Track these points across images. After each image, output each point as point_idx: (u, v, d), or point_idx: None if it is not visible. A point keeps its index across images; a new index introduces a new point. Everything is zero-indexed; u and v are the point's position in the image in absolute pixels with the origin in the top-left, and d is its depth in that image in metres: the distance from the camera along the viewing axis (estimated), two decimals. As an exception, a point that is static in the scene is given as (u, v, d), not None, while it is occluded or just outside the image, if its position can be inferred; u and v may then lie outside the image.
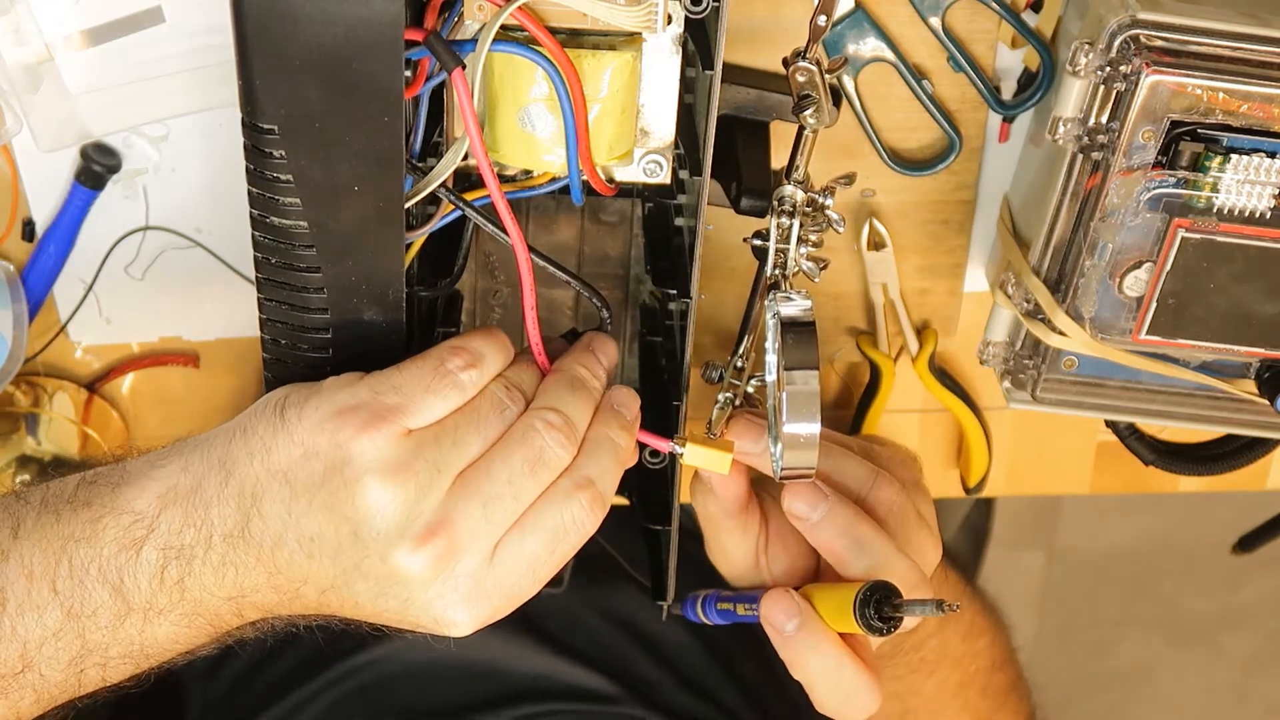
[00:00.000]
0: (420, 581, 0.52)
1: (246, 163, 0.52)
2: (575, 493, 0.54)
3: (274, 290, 0.55)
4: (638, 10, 0.54)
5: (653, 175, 0.61)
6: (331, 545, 0.52)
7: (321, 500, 0.51)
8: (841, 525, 0.62)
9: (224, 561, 0.52)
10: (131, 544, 0.52)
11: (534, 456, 0.53)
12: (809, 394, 0.55)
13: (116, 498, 0.53)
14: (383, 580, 0.52)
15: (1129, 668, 1.92)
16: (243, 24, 0.48)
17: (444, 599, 0.53)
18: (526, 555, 0.54)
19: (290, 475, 0.52)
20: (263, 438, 0.52)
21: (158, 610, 0.53)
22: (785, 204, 0.59)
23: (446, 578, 0.53)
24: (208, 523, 0.52)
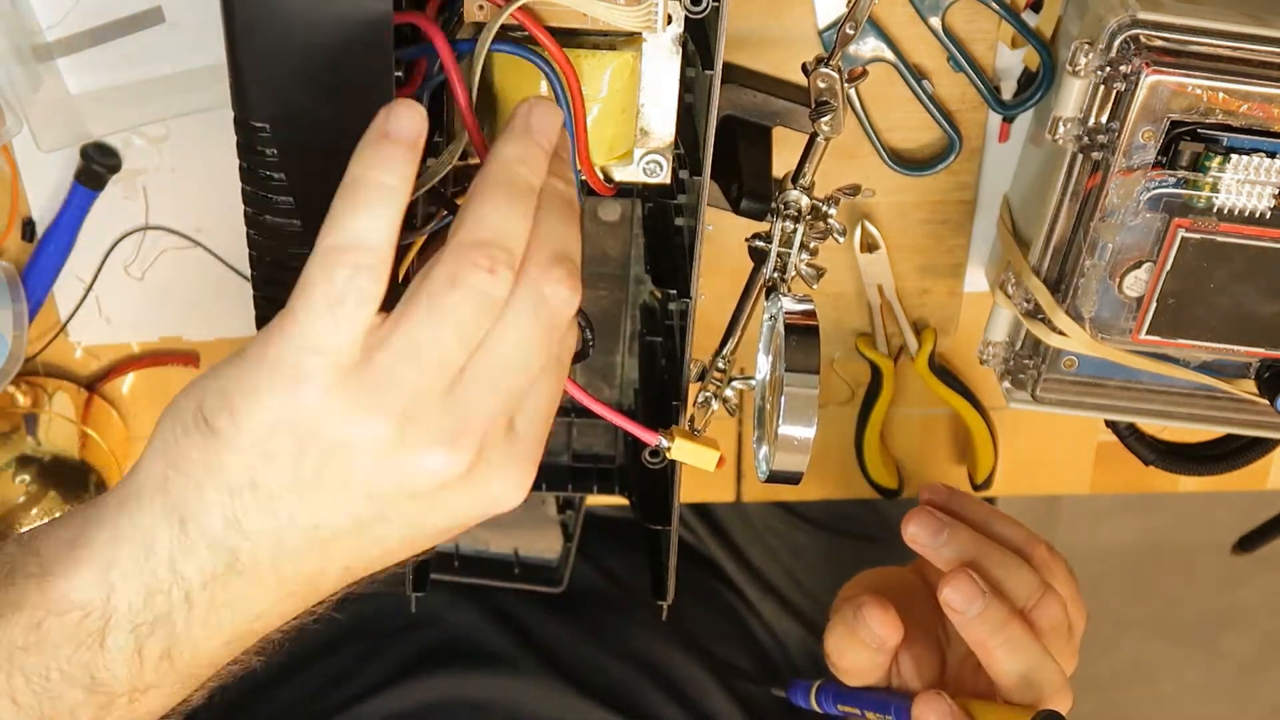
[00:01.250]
0: (457, 492, 0.47)
1: (240, 161, 0.52)
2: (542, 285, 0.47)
3: (270, 289, 0.55)
4: (638, 10, 0.54)
5: (653, 175, 0.61)
6: (343, 518, 0.46)
7: (308, 484, 0.45)
8: (996, 624, 0.62)
9: (213, 608, 0.47)
10: (89, 638, 0.46)
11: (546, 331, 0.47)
12: (807, 398, 0.55)
13: (47, 593, 0.46)
14: (414, 517, 0.47)
15: (1129, 668, 1.92)
16: (232, 22, 0.48)
17: (487, 490, 0.48)
18: (543, 404, 0.49)
19: (259, 482, 0.45)
20: (202, 461, 0.45)
21: (144, 688, 0.47)
22: (790, 208, 0.59)
23: (482, 471, 0.47)
24: (178, 581, 0.46)
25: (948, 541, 0.65)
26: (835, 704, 0.70)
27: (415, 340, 0.45)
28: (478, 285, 0.45)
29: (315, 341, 0.45)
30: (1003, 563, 0.65)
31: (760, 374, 0.60)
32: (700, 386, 0.63)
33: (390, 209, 0.45)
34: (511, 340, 0.47)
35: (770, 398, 0.58)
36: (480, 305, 0.45)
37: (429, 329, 0.45)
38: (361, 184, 0.45)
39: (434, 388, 0.46)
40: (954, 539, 0.65)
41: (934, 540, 0.65)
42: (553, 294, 0.47)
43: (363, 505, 0.47)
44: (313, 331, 0.45)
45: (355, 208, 0.45)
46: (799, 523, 0.98)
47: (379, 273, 0.45)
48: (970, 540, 0.65)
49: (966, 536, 0.65)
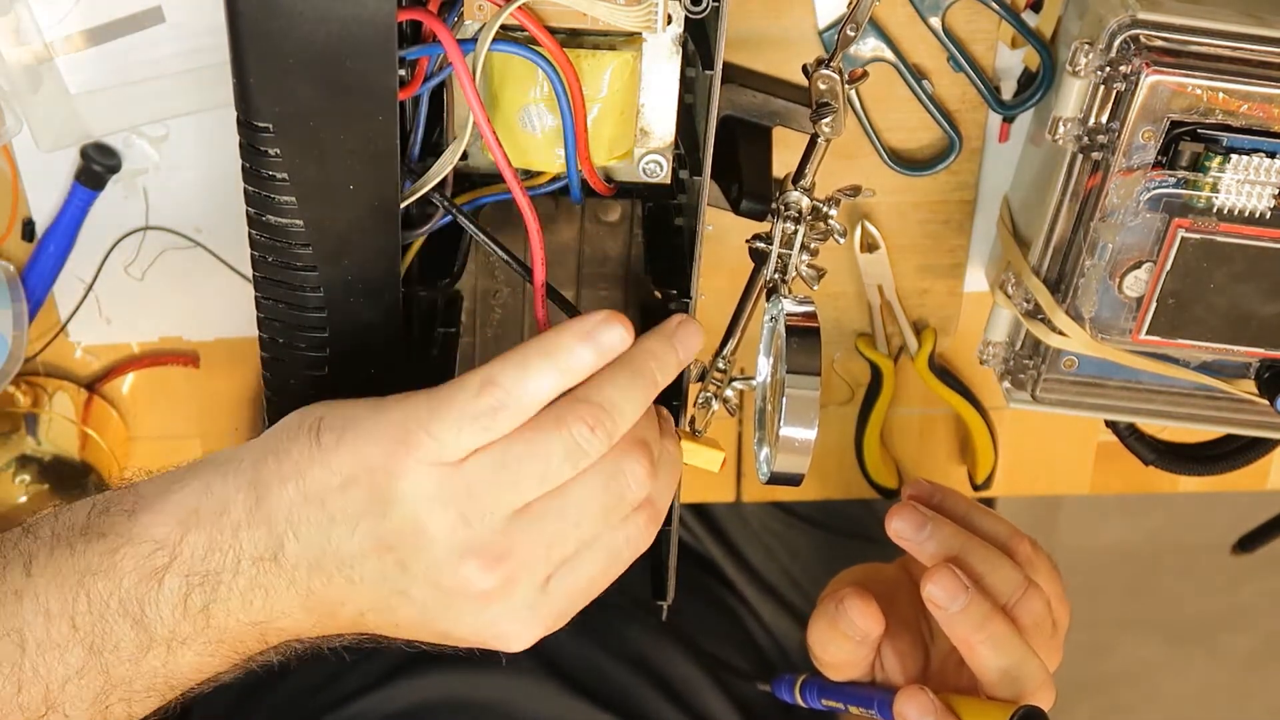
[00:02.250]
0: (474, 607, 0.51)
1: (242, 161, 0.52)
2: (635, 516, 0.53)
3: (271, 289, 0.55)
4: (638, 10, 0.54)
5: (653, 175, 0.61)
6: (375, 572, 0.51)
7: (364, 530, 0.50)
8: (979, 619, 0.62)
9: (253, 586, 0.51)
10: (152, 573, 0.51)
11: (613, 504, 0.52)
12: (809, 400, 0.55)
13: (133, 526, 0.51)
14: (432, 605, 0.51)
15: (1129, 668, 1.92)
16: (237, 22, 0.48)
17: (499, 622, 0.52)
18: (584, 577, 0.53)
19: (328, 502, 0.50)
20: (297, 462, 0.50)
21: (181, 640, 0.51)
22: (790, 209, 0.59)
23: (503, 602, 0.51)
24: (236, 546, 0.50)
25: (931, 536, 0.65)
26: (819, 698, 0.70)
27: (504, 460, 0.50)
28: (576, 434, 0.50)
29: (435, 431, 0.49)
30: (986, 558, 0.65)
31: (761, 375, 0.60)
32: (700, 387, 0.63)
33: (554, 387, 0.51)
34: (577, 497, 0.51)
35: (771, 399, 0.58)
36: (569, 452, 0.50)
37: (519, 454, 0.50)
38: (550, 358, 0.51)
39: (499, 508, 0.50)
40: (937, 534, 0.65)
41: (917, 535, 0.65)
42: (630, 469, 0.52)
43: (393, 571, 0.51)
44: (438, 423, 0.49)
45: (532, 371, 0.50)
46: (797, 523, 0.98)
47: (515, 422, 0.50)
48: (954, 535, 0.65)
49: (950, 531, 0.65)
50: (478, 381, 0.50)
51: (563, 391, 0.51)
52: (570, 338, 0.51)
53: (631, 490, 0.52)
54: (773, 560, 0.97)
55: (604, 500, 0.51)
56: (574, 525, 0.51)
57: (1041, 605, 0.65)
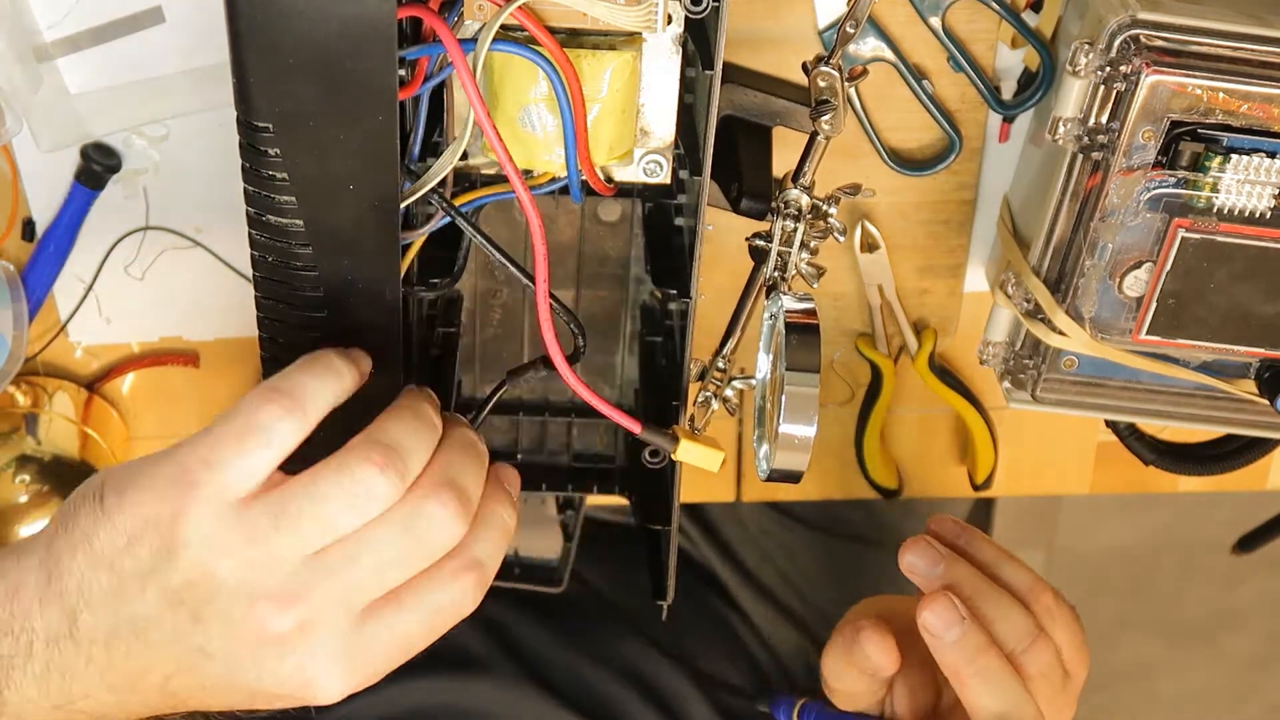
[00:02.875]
0: (275, 655, 0.50)
1: (242, 161, 0.52)
2: (461, 574, 0.52)
3: (271, 289, 0.55)
4: (638, 10, 0.54)
5: (653, 175, 0.61)
6: (170, 630, 0.49)
7: (154, 586, 0.49)
8: (972, 652, 0.61)
9: (48, 668, 0.49)
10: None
11: (413, 548, 0.50)
12: (808, 397, 0.55)
13: None
14: (232, 656, 0.50)
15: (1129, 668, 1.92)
16: (236, 21, 0.48)
17: (304, 669, 0.50)
18: (399, 632, 0.51)
19: (116, 564, 0.49)
20: (84, 529, 0.49)
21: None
22: (790, 207, 0.59)
23: (305, 649, 0.50)
24: (28, 629, 0.49)
25: (944, 574, 0.64)
26: None
27: (284, 505, 0.49)
28: (362, 479, 0.49)
29: (215, 460, 0.49)
30: (998, 603, 0.63)
31: (760, 373, 0.60)
32: (700, 386, 0.63)
33: (337, 392, 0.50)
34: (373, 541, 0.50)
35: (771, 397, 0.58)
36: (354, 496, 0.49)
37: (299, 500, 0.49)
38: (324, 363, 0.50)
39: (287, 553, 0.49)
40: (951, 572, 0.64)
41: (930, 571, 0.64)
42: (432, 511, 0.50)
43: (188, 626, 0.49)
44: (217, 451, 0.49)
45: (313, 373, 0.50)
46: (792, 524, 0.98)
47: (300, 428, 0.49)
48: (968, 576, 0.64)
49: (965, 572, 0.64)
50: (257, 394, 0.49)
51: (340, 399, 0.50)
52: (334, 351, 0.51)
53: (434, 534, 0.50)
54: (768, 562, 0.97)
55: (402, 545, 0.50)
56: (372, 571, 0.50)
57: (1050, 656, 0.63)
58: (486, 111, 0.52)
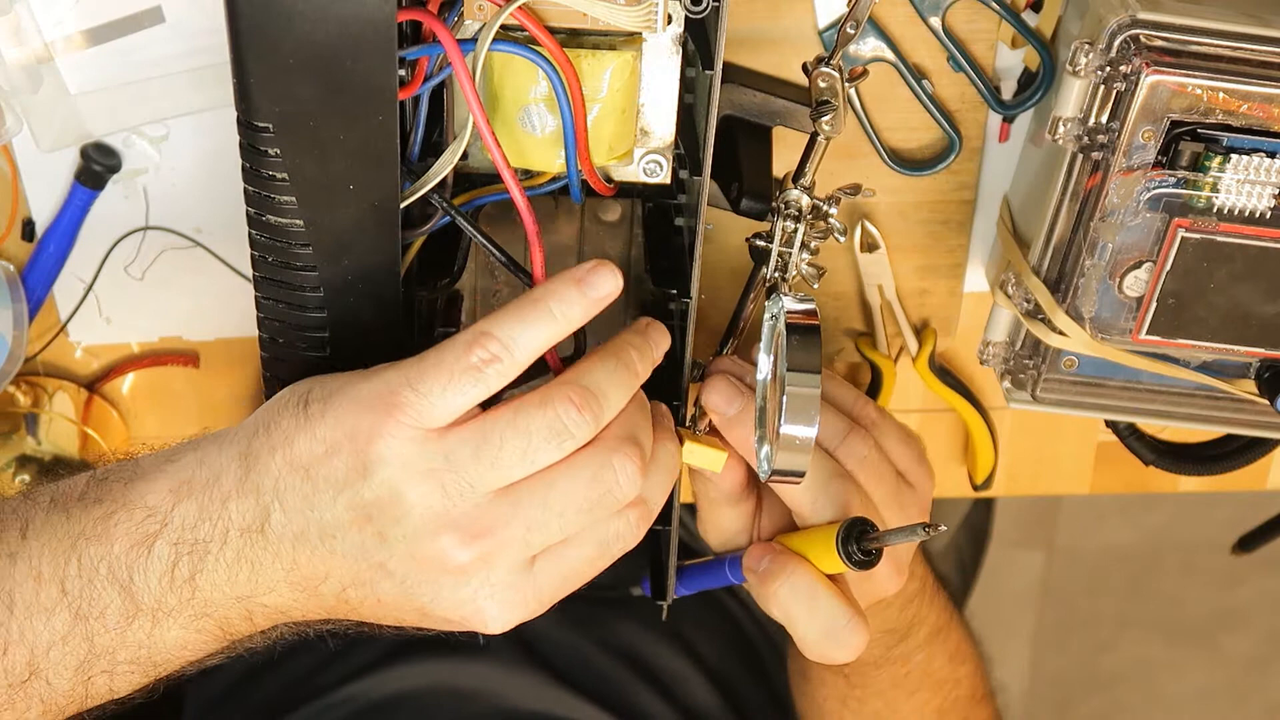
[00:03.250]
0: (451, 583, 0.51)
1: (242, 161, 0.52)
2: (628, 511, 0.53)
3: (271, 289, 0.55)
4: (638, 10, 0.54)
5: (653, 175, 0.61)
6: (355, 544, 0.50)
7: (345, 499, 0.50)
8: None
9: (239, 558, 0.51)
10: (143, 540, 0.51)
11: (599, 499, 0.51)
12: (809, 397, 0.55)
13: (129, 493, 0.52)
14: (410, 578, 0.51)
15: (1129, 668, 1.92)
16: (237, 21, 0.48)
17: (477, 599, 0.52)
18: (567, 566, 0.53)
19: (312, 471, 0.50)
20: (285, 431, 0.51)
21: (166, 611, 0.51)
22: (791, 208, 0.59)
23: (480, 581, 0.51)
24: (224, 517, 0.51)
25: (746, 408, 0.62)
26: (683, 585, 0.69)
27: (487, 435, 0.50)
28: (562, 415, 0.50)
29: (423, 389, 0.49)
30: None
31: (761, 373, 0.60)
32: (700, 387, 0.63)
33: (548, 338, 0.51)
34: (563, 487, 0.51)
35: (771, 397, 0.58)
36: (554, 432, 0.50)
37: (502, 431, 0.50)
38: (543, 306, 0.51)
39: (480, 484, 0.50)
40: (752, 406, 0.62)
41: (729, 408, 0.62)
42: (619, 465, 0.51)
43: (373, 542, 0.50)
44: (427, 381, 0.50)
45: (526, 320, 0.50)
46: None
47: (506, 376, 0.50)
48: None
49: None
50: (469, 335, 0.50)
51: (556, 342, 0.51)
52: (563, 285, 0.51)
53: (620, 487, 0.52)
54: None
55: (589, 494, 0.51)
56: (557, 514, 0.51)
57: (868, 449, 0.62)
58: (484, 114, 0.52)
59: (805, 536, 0.61)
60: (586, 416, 0.51)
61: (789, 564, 0.60)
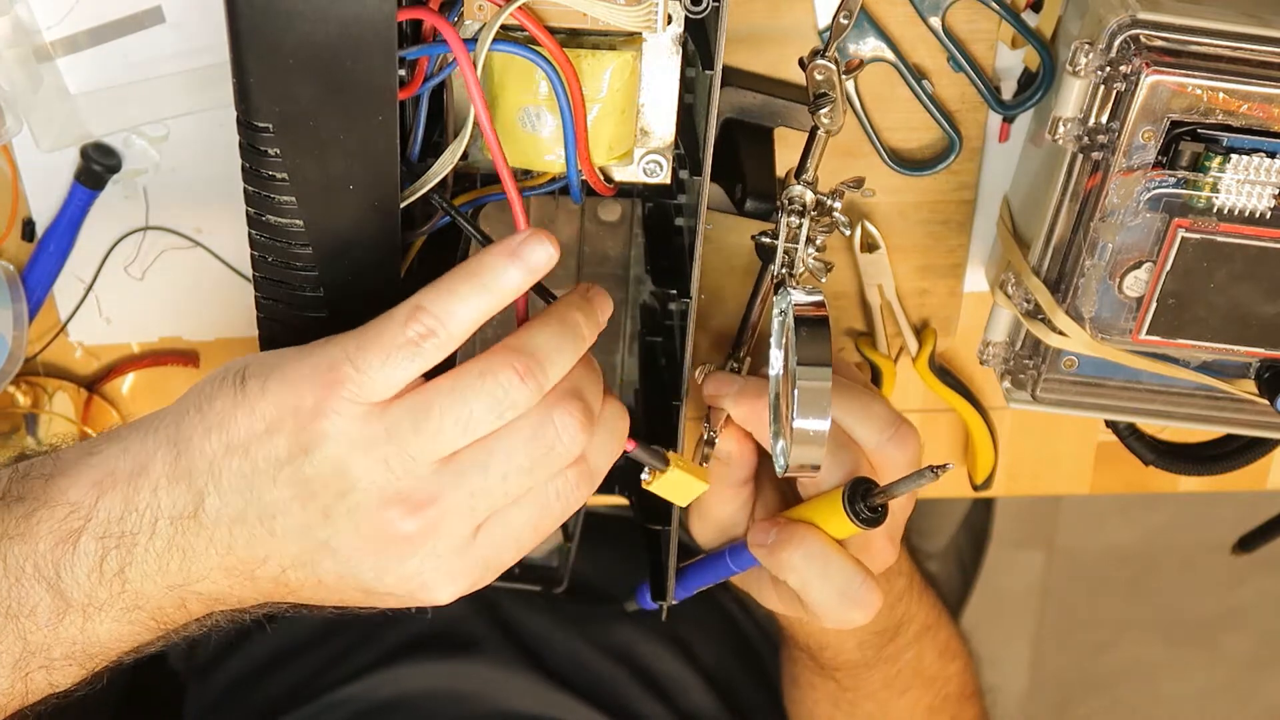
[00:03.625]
0: (397, 556, 0.50)
1: (242, 161, 0.52)
2: (567, 471, 0.52)
3: (271, 289, 0.55)
4: (638, 10, 0.54)
5: (653, 175, 0.61)
6: (297, 523, 0.50)
7: (286, 477, 0.49)
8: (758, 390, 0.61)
9: (170, 547, 0.50)
10: (67, 536, 0.50)
11: (540, 457, 0.51)
12: (820, 390, 0.55)
13: (49, 489, 0.51)
14: (355, 555, 0.50)
15: (1129, 668, 1.92)
16: (236, 21, 0.48)
17: (423, 571, 0.51)
18: (511, 531, 0.52)
19: (252, 450, 0.49)
20: (221, 411, 0.49)
21: (97, 606, 0.51)
22: (795, 203, 0.59)
23: (427, 552, 0.50)
24: (153, 506, 0.50)
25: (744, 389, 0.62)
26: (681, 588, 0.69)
27: (427, 407, 0.49)
28: (504, 383, 0.49)
29: (362, 364, 0.49)
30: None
31: (774, 369, 0.59)
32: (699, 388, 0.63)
33: (484, 310, 0.50)
34: (504, 449, 0.50)
35: (784, 392, 0.58)
36: (496, 400, 0.49)
37: (442, 402, 0.49)
38: (477, 279, 0.50)
39: (422, 455, 0.49)
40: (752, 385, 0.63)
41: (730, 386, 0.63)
42: (560, 422, 0.50)
43: (316, 520, 0.50)
44: (365, 356, 0.49)
45: (459, 294, 0.49)
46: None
47: (444, 350, 0.49)
48: None
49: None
50: (405, 310, 0.49)
51: (491, 314, 0.50)
52: (496, 256, 0.50)
53: (562, 443, 0.51)
54: None
55: (531, 452, 0.50)
56: (500, 478, 0.50)
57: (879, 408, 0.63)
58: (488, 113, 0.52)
59: (809, 506, 0.61)
60: (530, 385, 0.50)
61: (798, 531, 0.60)
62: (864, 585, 0.60)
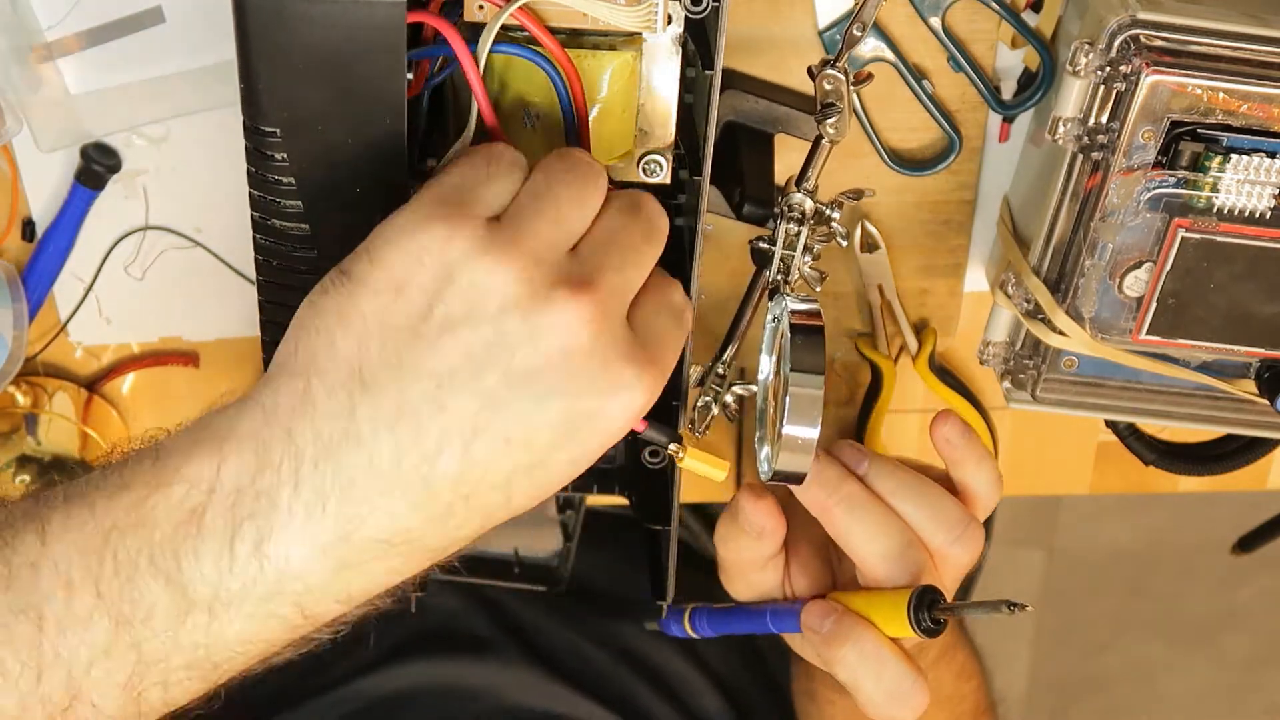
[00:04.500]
0: (581, 348, 0.45)
1: (248, 165, 0.52)
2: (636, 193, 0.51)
3: (276, 293, 0.55)
4: (638, 10, 0.54)
5: (653, 175, 0.61)
6: (466, 373, 0.44)
7: (434, 328, 0.44)
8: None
9: (318, 495, 0.43)
10: (189, 517, 0.43)
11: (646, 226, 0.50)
12: (812, 398, 0.55)
13: (160, 470, 0.44)
14: (537, 373, 0.44)
15: (1129, 668, 1.92)
16: (245, 26, 0.48)
17: (610, 364, 0.45)
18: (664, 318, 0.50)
19: (389, 322, 0.44)
20: (337, 312, 0.44)
21: (226, 601, 0.44)
22: (794, 211, 0.59)
23: (607, 336, 0.45)
24: (290, 450, 0.43)
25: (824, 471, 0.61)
26: (710, 627, 0.68)
27: (534, 192, 0.47)
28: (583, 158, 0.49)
29: (470, 184, 0.47)
30: None
31: (762, 375, 0.60)
32: (699, 391, 0.63)
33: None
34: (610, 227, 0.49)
35: (773, 398, 0.58)
36: (589, 177, 0.49)
37: (551, 189, 0.47)
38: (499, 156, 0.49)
39: (558, 243, 0.46)
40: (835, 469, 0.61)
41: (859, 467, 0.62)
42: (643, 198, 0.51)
43: (483, 354, 0.44)
44: (469, 176, 0.47)
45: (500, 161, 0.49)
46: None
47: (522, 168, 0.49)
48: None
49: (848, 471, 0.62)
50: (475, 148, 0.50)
51: None
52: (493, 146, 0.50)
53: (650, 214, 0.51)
54: None
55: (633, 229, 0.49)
56: (626, 241, 0.49)
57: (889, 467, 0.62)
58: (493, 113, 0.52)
59: (868, 600, 0.61)
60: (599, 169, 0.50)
61: (856, 627, 0.59)
62: (914, 687, 0.59)
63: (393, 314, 0.44)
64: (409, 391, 0.43)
